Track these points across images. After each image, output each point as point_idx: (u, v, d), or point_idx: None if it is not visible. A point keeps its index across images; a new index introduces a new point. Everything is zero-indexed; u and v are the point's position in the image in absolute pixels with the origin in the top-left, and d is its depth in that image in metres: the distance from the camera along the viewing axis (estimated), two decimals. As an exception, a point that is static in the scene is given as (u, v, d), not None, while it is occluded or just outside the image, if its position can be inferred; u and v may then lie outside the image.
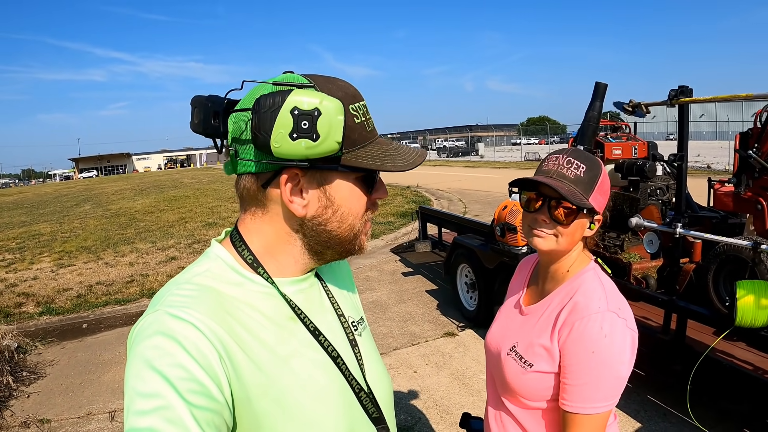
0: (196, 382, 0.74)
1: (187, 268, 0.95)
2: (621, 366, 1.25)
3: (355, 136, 0.88)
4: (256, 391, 0.83)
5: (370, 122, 0.93)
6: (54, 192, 37.25)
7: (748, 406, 3.12)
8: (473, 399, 4.23)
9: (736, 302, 2.89)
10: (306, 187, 0.89)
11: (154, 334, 0.77)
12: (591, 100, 4.14)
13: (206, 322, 0.80)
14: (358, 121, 0.88)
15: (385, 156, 0.90)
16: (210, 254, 0.95)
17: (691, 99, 3.51)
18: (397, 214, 13.70)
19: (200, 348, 0.77)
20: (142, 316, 0.84)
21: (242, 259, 0.93)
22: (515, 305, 1.57)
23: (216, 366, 0.78)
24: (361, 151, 0.89)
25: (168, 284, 0.91)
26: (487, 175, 25.53)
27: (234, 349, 0.82)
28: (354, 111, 0.88)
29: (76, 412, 4.49)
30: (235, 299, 0.88)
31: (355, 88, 0.92)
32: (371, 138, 0.92)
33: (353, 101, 0.89)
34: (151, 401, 0.71)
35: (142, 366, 0.74)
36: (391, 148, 0.92)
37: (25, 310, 7.66)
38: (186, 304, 0.82)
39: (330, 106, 0.81)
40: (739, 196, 4.20)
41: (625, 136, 5.61)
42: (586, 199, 1.32)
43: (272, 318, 0.91)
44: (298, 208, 0.89)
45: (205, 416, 0.73)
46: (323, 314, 1.01)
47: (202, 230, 13.44)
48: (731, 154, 18.15)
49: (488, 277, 5.30)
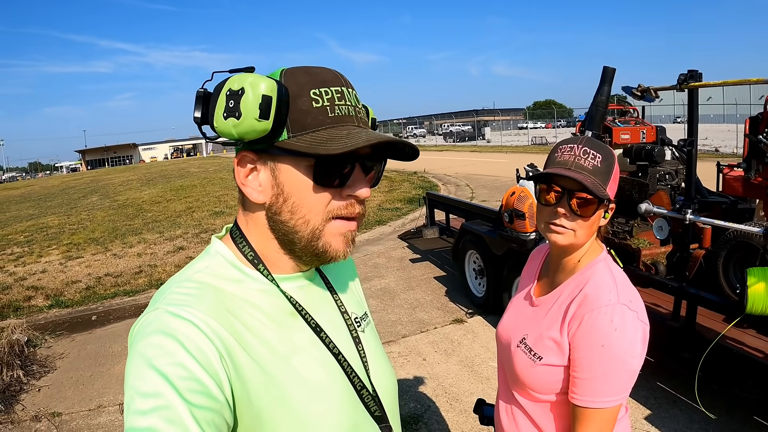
0: (196, 382, 0.74)
1: (188, 264, 0.95)
2: (632, 360, 1.24)
3: (306, 120, 0.84)
4: (257, 389, 0.82)
5: (342, 108, 0.86)
6: (61, 184, 37.38)
7: (758, 393, 3.09)
8: (482, 386, 4.23)
9: (746, 289, 2.86)
10: (261, 172, 0.88)
11: (155, 332, 0.76)
12: (599, 85, 4.09)
13: (207, 320, 0.80)
14: (317, 106, 0.84)
15: (328, 140, 0.82)
16: (210, 251, 0.95)
17: (700, 84, 3.45)
18: (404, 200, 13.69)
19: (201, 347, 0.77)
20: (142, 313, 0.83)
21: (243, 255, 0.93)
22: (526, 296, 1.56)
23: (216, 365, 0.77)
24: (308, 136, 0.83)
25: (168, 281, 0.90)
26: (494, 159, 25.42)
27: (234, 348, 0.82)
28: (315, 95, 0.84)
29: (87, 404, 4.53)
30: (235, 297, 0.88)
31: (334, 75, 0.88)
32: (331, 124, 0.85)
33: (321, 86, 0.85)
34: (151, 401, 0.70)
35: (142, 365, 0.73)
36: (344, 133, 0.84)
37: (34, 303, 7.72)
38: (186, 302, 0.81)
39: (258, 84, 0.80)
40: (749, 181, 4.16)
41: (633, 120, 5.55)
42: (604, 189, 1.31)
43: (272, 315, 0.90)
44: (252, 192, 0.89)
45: (206, 416, 0.73)
46: (325, 311, 1.00)
47: (209, 219, 13.46)
48: (739, 138, 17.99)
49: (497, 263, 5.28)
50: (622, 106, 6.55)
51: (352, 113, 0.87)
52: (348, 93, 0.88)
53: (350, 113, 0.87)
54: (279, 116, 0.82)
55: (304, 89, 0.84)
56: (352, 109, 0.88)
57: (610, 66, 4.00)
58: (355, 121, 0.87)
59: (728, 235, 3.82)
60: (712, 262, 3.97)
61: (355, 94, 0.90)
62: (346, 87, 0.88)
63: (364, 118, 0.91)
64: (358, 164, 0.88)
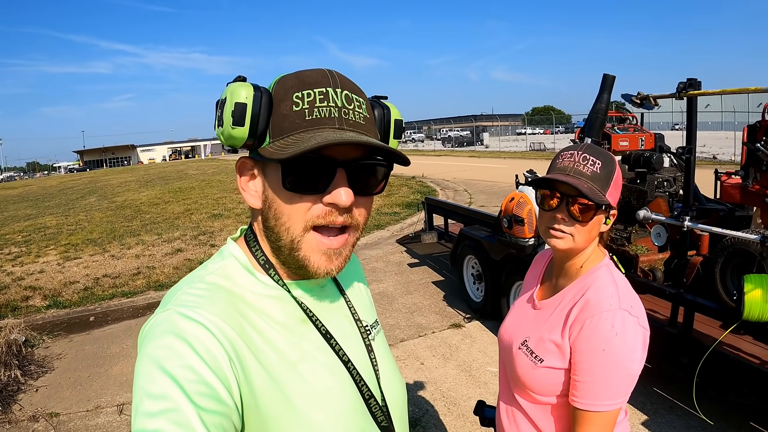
0: (205, 385, 0.73)
1: (202, 264, 0.94)
2: (632, 364, 1.25)
3: (284, 125, 0.82)
4: (265, 394, 0.82)
5: (322, 110, 0.81)
6: (59, 184, 37.33)
7: (754, 399, 3.11)
8: (480, 391, 4.24)
9: (743, 296, 2.88)
10: (257, 178, 0.89)
11: (165, 333, 0.76)
12: (599, 92, 4.12)
13: (217, 323, 0.79)
14: (296, 109, 0.81)
15: (292, 145, 0.79)
16: (224, 252, 0.95)
17: (699, 92, 3.48)
18: (403, 205, 13.70)
19: (210, 350, 0.76)
20: (153, 313, 0.83)
21: (255, 260, 0.92)
22: (528, 299, 1.57)
23: (226, 369, 0.76)
24: (282, 141, 0.81)
25: (181, 282, 0.89)
26: (493, 165, 25.45)
27: (244, 352, 0.81)
28: (297, 98, 0.82)
29: (85, 405, 4.53)
30: (246, 301, 0.87)
31: (323, 75, 0.84)
32: (307, 127, 0.81)
33: (305, 88, 0.82)
34: (160, 403, 0.70)
35: (151, 366, 0.73)
36: (311, 136, 0.79)
37: (32, 303, 7.70)
38: (198, 304, 0.81)
39: (234, 92, 0.83)
40: (747, 188, 4.19)
41: (632, 127, 5.58)
42: (603, 195, 1.32)
43: (283, 321, 0.89)
44: (249, 198, 0.90)
45: (214, 420, 0.72)
46: (336, 317, 0.99)
47: (207, 222, 13.45)
48: (737, 145, 18.06)
49: (495, 268, 5.29)
50: (621, 113, 6.59)
51: (335, 115, 0.82)
52: (335, 93, 0.83)
53: (332, 115, 0.82)
54: (254, 123, 0.83)
55: (288, 93, 0.83)
56: (336, 111, 0.82)
57: (609, 74, 4.03)
58: (338, 123, 0.82)
59: (726, 242, 3.85)
60: (710, 269, 3.99)
61: (347, 94, 0.84)
62: (333, 87, 0.83)
63: (355, 120, 0.84)
64: (343, 170, 0.82)
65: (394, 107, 1.01)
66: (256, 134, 0.83)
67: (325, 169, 0.81)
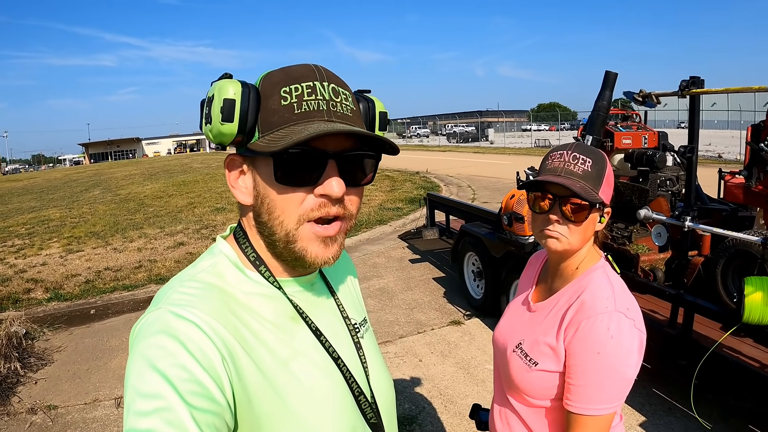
0: (197, 384, 0.73)
1: (192, 263, 0.95)
2: (627, 368, 1.24)
3: (273, 119, 0.83)
4: (258, 393, 0.82)
5: (311, 103, 0.82)
6: (64, 177, 37.41)
7: (753, 402, 3.09)
8: (478, 389, 4.23)
9: (744, 298, 2.86)
10: (246, 174, 0.89)
11: (157, 332, 0.76)
12: (601, 90, 4.09)
13: (210, 322, 0.79)
14: (285, 103, 0.82)
15: (283, 138, 0.79)
16: (214, 250, 0.95)
17: (702, 90, 3.45)
18: (406, 200, 13.68)
19: (203, 349, 0.76)
20: (144, 312, 0.83)
21: (245, 257, 0.92)
22: (523, 301, 1.56)
23: (218, 367, 0.77)
24: (273, 135, 0.82)
25: (172, 280, 0.90)
26: (497, 161, 25.40)
27: (237, 350, 0.81)
28: (285, 93, 0.83)
29: (83, 398, 4.54)
30: (237, 299, 0.87)
31: (309, 70, 0.85)
32: (296, 120, 0.82)
33: (292, 83, 0.83)
34: (152, 402, 0.70)
35: (143, 365, 0.73)
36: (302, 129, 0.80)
37: (33, 296, 7.72)
38: (190, 302, 0.81)
39: (222, 88, 0.83)
40: (750, 189, 4.16)
41: (636, 125, 5.54)
42: (596, 193, 1.31)
43: (273, 319, 0.89)
44: (239, 194, 0.90)
45: (206, 418, 0.72)
46: (326, 315, 0.99)
47: (210, 215, 13.45)
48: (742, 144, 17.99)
49: (495, 266, 5.28)
50: (624, 111, 6.55)
51: (324, 108, 0.83)
52: (322, 87, 0.84)
53: (321, 108, 0.83)
54: (243, 118, 0.83)
55: (276, 88, 0.83)
56: (324, 104, 0.83)
57: (612, 71, 4.00)
58: (327, 116, 0.83)
59: (727, 243, 3.82)
60: (711, 270, 3.96)
61: (333, 87, 0.85)
62: (320, 81, 0.84)
63: (343, 112, 0.85)
64: (334, 161, 0.83)
65: (378, 100, 1.03)
66: (245, 130, 0.84)
67: (316, 160, 0.82)
